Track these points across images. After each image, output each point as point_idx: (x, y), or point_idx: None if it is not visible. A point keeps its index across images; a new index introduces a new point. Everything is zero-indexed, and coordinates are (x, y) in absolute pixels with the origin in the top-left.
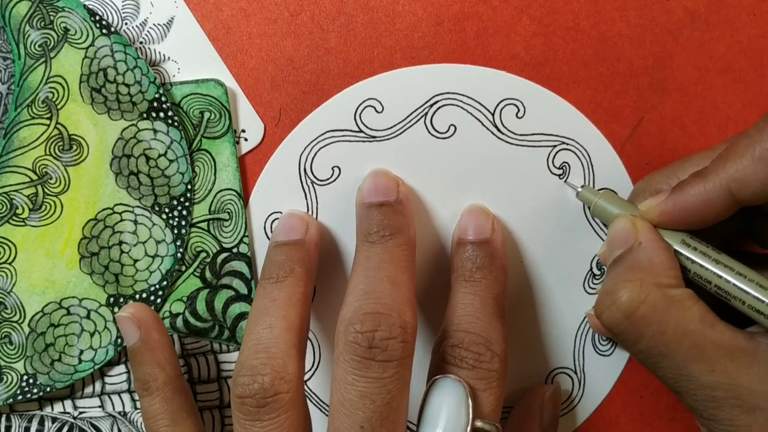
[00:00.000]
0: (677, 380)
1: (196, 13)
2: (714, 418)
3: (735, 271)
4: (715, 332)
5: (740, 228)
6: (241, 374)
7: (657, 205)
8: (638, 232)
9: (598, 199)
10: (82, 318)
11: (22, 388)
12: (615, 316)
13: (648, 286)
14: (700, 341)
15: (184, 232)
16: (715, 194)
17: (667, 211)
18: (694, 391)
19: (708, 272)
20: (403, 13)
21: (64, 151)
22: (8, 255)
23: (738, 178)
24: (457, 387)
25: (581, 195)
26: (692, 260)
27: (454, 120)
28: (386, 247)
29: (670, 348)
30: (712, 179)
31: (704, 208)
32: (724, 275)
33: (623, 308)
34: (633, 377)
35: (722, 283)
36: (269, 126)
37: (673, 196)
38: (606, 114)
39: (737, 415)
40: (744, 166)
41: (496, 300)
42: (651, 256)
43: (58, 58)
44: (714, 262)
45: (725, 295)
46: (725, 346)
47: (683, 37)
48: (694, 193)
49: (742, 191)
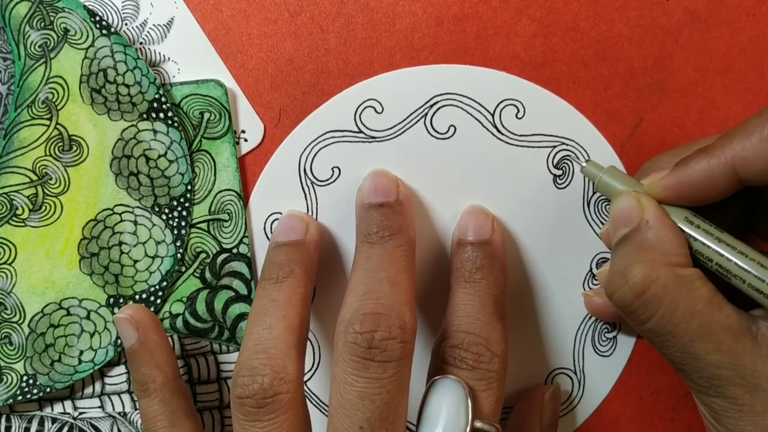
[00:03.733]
0: (683, 359)
1: (196, 14)
2: (718, 396)
3: (737, 250)
4: (722, 314)
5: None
6: (240, 375)
7: (660, 179)
8: (644, 209)
9: (603, 174)
10: (82, 318)
11: (22, 389)
12: (627, 296)
13: (659, 266)
14: (707, 322)
15: (184, 232)
16: (718, 170)
17: (671, 186)
18: (699, 370)
19: (710, 250)
20: (403, 14)
21: (64, 151)
22: (8, 255)
23: (744, 156)
24: (457, 387)
25: (585, 169)
26: (695, 238)
27: (454, 120)
28: (386, 248)
29: (679, 328)
30: (717, 155)
31: (707, 184)
32: (726, 253)
33: (635, 288)
34: (633, 378)
35: (723, 261)
36: (269, 126)
37: (676, 170)
38: (606, 114)
39: (741, 394)
40: (752, 144)
41: (495, 300)
42: (660, 235)
43: (58, 58)
44: (716, 240)
45: (726, 273)
46: (731, 327)
47: (683, 38)
48: (698, 168)
49: (747, 169)
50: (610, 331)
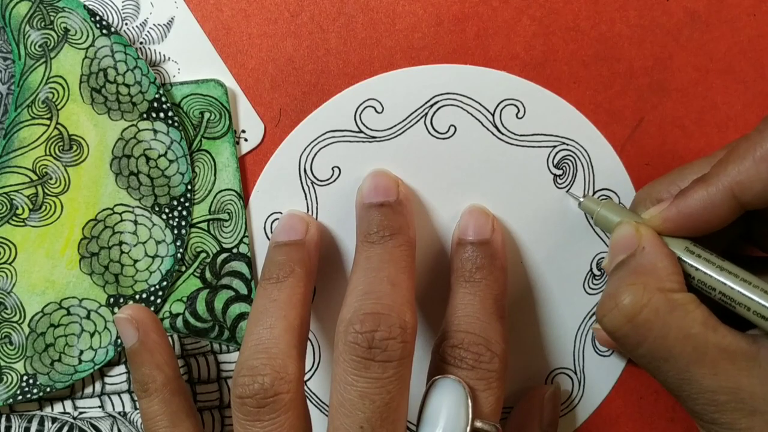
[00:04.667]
0: (679, 384)
1: (196, 14)
2: (715, 422)
3: (740, 278)
4: (717, 336)
5: (741, 233)
6: (241, 374)
7: (660, 212)
8: (641, 237)
9: (600, 208)
10: (82, 318)
11: (22, 389)
12: (617, 320)
13: (650, 290)
14: (702, 345)
15: (184, 232)
16: (718, 198)
17: (671, 218)
18: (695, 395)
19: (712, 279)
20: (403, 14)
21: (64, 151)
22: (8, 255)
23: (740, 180)
24: (457, 387)
25: (583, 205)
26: (696, 268)
27: (454, 120)
28: (386, 248)
29: (673, 352)
30: (715, 183)
31: (708, 213)
32: (729, 282)
33: (625, 312)
34: (633, 378)
35: (727, 289)
36: (269, 126)
37: (676, 202)
38: (606, 114)
39: (738, 418)
40: (746, 168)
41: (495, 300)
42: (654, 260)
43: (58, 58)
44: (718, 269)
45: (730, 302)
46: (727, 349)
47: (683, 38)
48: (697, 198)
49: (745, 193)
50: None
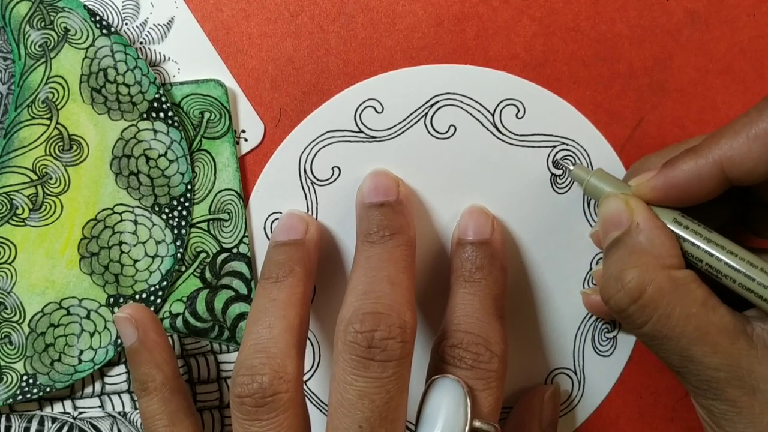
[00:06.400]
0: (681, 361)
1: (196, 14)
2: (716, 398)
3: (726, 250)
4: (717, 316)
5: (734, 215)
6: (240, 374)
7: (648, 180)
8: (633, 212)
9: (591, 177)
10: (82, 318)
11: (22, 389)
12: (623, 301)
13: (653, 270)
14: (703, 324)
15: (184, 232)
16: (706, 170)
17: (659, 187)
18: (696, 373)
19: (699, 250)
20: (403, 14)
21: (64, 151)
22: (8, 255)
23: (731, 155)
24: (456, 387)
25: (573, 173)
26: (684, 238)
27: (454, 120)
28: (386, 248)
29: (675, 331)
30: (705, 155)
31: (695, 184)
32: (716, 253)
33: (631, 293)
34: (633, 378)
35: (713, 261)
36: (269, 126)
37: (664, 171)
38: (606, 114)
39: (739, 396)
40: (739, 144)
41: (495, 300)
42: (651, 237)
43: (58, 58)
44: (705, 240)
45: (716, 273)
46: (726, 329)
47: (683, 38)
48: (685, 169)
49: (734, 169)
50: (610, 331)
